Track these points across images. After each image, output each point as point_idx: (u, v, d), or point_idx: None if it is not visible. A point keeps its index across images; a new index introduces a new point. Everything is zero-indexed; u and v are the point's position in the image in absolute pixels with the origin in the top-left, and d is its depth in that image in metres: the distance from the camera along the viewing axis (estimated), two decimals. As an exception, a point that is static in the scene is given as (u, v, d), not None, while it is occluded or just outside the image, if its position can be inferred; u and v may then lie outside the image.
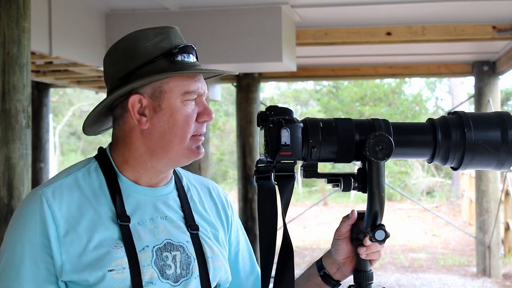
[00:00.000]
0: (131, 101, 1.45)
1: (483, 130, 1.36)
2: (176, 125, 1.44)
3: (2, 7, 3.03)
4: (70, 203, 1.41)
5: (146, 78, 1.43)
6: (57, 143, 22.71)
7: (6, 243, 1.41)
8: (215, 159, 21.37)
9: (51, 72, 6.73)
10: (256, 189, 1.42)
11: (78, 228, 1.39)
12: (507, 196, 9.61)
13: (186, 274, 1.45)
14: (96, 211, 1.42)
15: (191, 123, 1.45)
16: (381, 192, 1.35)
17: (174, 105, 1.44)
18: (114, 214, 1.42)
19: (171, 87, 1.44)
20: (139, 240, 1.42)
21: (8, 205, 3.04)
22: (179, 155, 1.46)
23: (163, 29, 1.48)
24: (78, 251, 1.37)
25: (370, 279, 1.43)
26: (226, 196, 1.67)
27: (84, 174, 1.47)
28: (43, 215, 1.38)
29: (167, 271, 1.43)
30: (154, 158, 1.47)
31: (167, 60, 1.45)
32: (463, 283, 8.37)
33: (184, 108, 1.45)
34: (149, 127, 1.45)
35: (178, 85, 1.44)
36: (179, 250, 1.46)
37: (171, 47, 1.46)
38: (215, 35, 5.41)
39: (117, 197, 1.44)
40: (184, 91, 1.44)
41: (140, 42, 1.46)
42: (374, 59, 8.64)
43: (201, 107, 1.47)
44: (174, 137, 1.45)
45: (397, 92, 20.74)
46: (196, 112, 1.46)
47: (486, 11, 5.85)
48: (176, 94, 1.44)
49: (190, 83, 1.45)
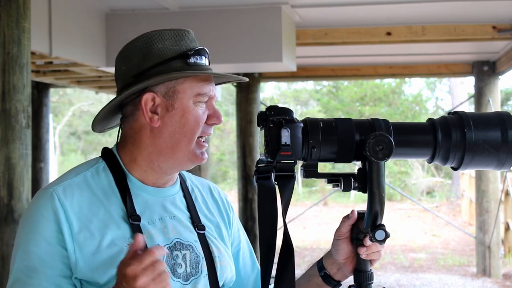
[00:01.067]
0: (144, 99, 1.46)
1: (483, 130, 1.36)
2: (187, 125, 1.47)
3: (2, 7, 3.03)
4: (81, 201, 1.42)
5: (161, 76, 1.45)
6: (57, 143, 22.71)
7: (20, 242, 1.41)
8: (215, 159, 21.36)
9: (51, 72, 6.73)
10: (256, 189, 1.42)
11: (90, 226, 1.40)
12: (507, 196, 9.61)
13: (196, 272, 1.47)
14: (107, 210, 1.43)
15: (201, 125, 1.48)
16: (381, 192, 1.35)
17: (187, 106, 1.47)
18: (125, 213, 1.43)
19: (185, 87, 1.47)
20: (150, 239, 1.43)
21: (8, 205, 3.04)
22: (185, 158, 1.48)
23: (179, 31, 1.51)
24: (91, 249, 1.38)
25: (370, 279, 1.44)
26: (225, 197, 1.69)
27: (93, 174, 1.48)
28: (56, 211, 1.38)
29: (178, 269, 1.45)
30: (162, 157, 1.48)
31: (181, 61, 1.47)
32: (463, 283, 8.37)
33: (196, 109, 1.47)
34: (160, 125, 1.47)
35: (191, 86, 1.47)
36: (189, 250, 1.48)
37: (186, 49, 1.49)
38: (215, 35, 5.41)
39: (127, 196, 1.45)
40: (197, 92, 1.47)
41: (156, 42, 1.48)
42: (374, 59, 8.64)
43: (212, 110, 1.50)
44: (183, 137, 1.47)
45: (397, 92, 20.74)
46: (207, 114, 1.49)
47: (486, 11, 5.85)
48: (189, 95, 1.47)
49: (203, 85, 1.48)
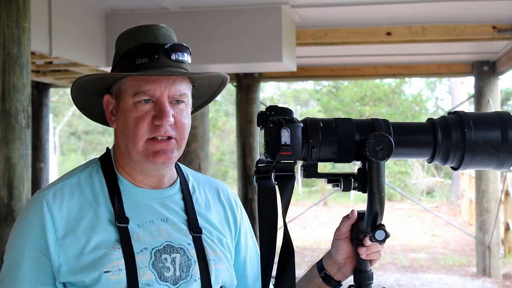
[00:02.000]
0: (104, 101, 1.47)
1: (483, 130, 1.36)
2: (128, 126, 1.42)
3: (2, 7, 3.03)
4: (71, 205, 1.42)
5: None
6: (57, 143, 22.70)
7: (10, 244, 1.43)
8: (215, 159, 21.35)
9: (51, 72, 6.73)
10: (256, 189, 1.41)
11: (77, 230, 1.40)
12: (507, 196, 9.60)
13: (186, 276, 1.44)
14: (96, 212, 1.42)
15: (142, 126, 1.41)
16: (381, 192, 1.34)
17: (127, 106, 1.43)
18: (113, 215, 1.42)
19: (126, 87, 1.43)
20: (137, 242, 1.41)
21: (8, 205, 3.04)
22: (140, 158, 1.43)
23: (139, 28, 1.46)
24: (75, 253, 1.38)
25: (370, 279, 1.43)
26: (236, 198, 1.64)
27: (87, 176, 1.47)
28: (43, 218, 1.39)
29: (165, 273, 1.42)
30: (127, 158, 1.46)
31: (126, 60, 1.43)
32: (463, 283, 8.36)
33: (135, 109, 1.42)
34: (115, 127, 1.47)
35: (131, 85, 1.42)
36: (179, 253, 1.45)
37: (131, 47, 1.44)
38: (215, 35, 5.40)
39: (116, 198, 1.43)
40: (134, 92, 1.42)
41: (119, 41, 1.48)
42: (374, 59, 8.63)
43: (157, 110, 1.41)
44: (128, 139, 1.43)
45: (397, 92, 20.74)
46: (152, 114, 1.42)
47: (486, 11, 5.85)
48: (129, 95, 1.43)
49: (141, 84, 1.41)
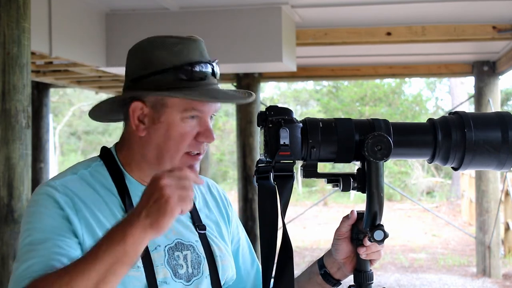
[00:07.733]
0: (132, 107, 1.44)
1: (484, 130, 1.36)
2: (170, 140, 1.42)
3: (2, 7, 3.02)
4: (83, 196, 1.40)
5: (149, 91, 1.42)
6: (57, 143, 22.70)
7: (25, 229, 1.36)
8: (215, 159, 21.35)
9: (51, 72, 6.73)
10: (256, 189, 1.42)
11: (92, 222, 1.38)
12: (507, 196, 9.60)
13: (198, 273, 1.46)
14: (109, 207, 1.41)
15: (187, 141, 1.42)
16: (380, 192, 1.34)
17: (173, 121, 1.42)
18: (125, 213, 1.41)
19: (174, 102, 1.41)
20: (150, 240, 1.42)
21: (8, 205, 3.03)
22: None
23: (183, 40, 1.45)
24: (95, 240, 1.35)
25: (370, 279, 1.44)
26: (224, 193, 1.67)
27: (91, 172, 1.46)
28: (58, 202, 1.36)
29: (179, 270, 1.43)
30: (150, 165, 1.46)
31: (175, 74, 1.42)
32: (463, 283, 8.36)
33: (182, 125, 1.42)
34: (145, 136, 1.44)
35: (180, 101, 1.41)
36: (190, 250, 1.47)
37: (182, 61, 1.42)
38: (215, 35, 5.40)
39: (126, 196, 1.43)
40: (184, 108, 1.41)
41: (157, 49, 1.44)
42: (374, 59, 8.63)
43: (203, 127, 1.43)
44: (166, 152, 1.43)
45: (397, 92, 20.73)
46: (197, 130, 1.43)
47: (486, 11, 5.85)
48: (177, 110, 1.41)
49: (192, 101, 1.41)
